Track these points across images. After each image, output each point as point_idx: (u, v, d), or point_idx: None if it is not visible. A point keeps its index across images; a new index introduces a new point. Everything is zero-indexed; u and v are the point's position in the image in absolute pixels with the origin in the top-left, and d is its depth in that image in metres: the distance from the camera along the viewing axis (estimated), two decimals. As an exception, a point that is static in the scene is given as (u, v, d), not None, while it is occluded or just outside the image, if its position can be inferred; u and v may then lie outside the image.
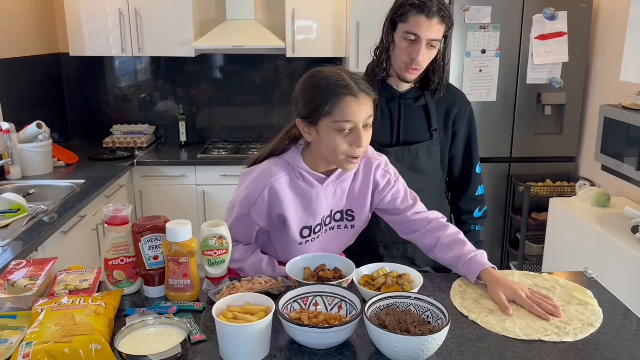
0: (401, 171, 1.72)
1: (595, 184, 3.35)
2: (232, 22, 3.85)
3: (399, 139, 1.76)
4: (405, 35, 1.63)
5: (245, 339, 1.07)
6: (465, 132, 1.83)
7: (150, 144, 4.06)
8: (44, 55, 3.84)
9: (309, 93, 1.33)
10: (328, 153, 1.35)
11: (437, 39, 1.62)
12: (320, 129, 1.32)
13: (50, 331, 1.07)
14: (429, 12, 1.58)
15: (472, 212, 1.89)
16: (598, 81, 3.45)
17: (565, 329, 1.21)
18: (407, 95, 1.75)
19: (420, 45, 1.61)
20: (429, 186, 1.79)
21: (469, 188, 1.88)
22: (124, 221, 1.33)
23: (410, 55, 1.63)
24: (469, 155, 1.86)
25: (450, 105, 1.79)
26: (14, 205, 2.50)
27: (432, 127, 1.76)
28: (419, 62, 1.63)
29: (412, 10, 1.60)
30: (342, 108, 1.28)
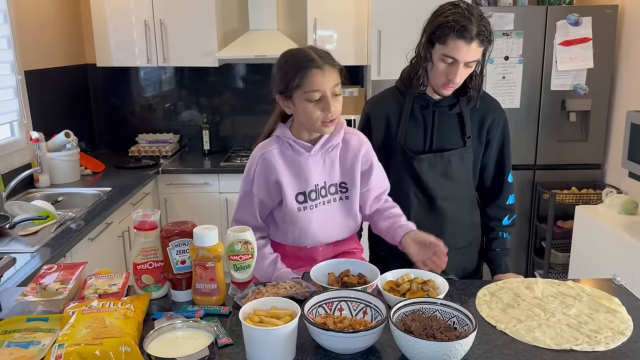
0: (433, 178, 1.73)
1: (622, 191, 3.29)
2: (255, 32, 3.90)
3: (431, 146, 1.76)
4: (443, 58, 1.62)
5: (271, 342, 1.08)
6: (499, 140, 1.81)
7: (175, 152, 4.12)
8: (72, 66, 3.93)
9: (281, 70, 1.48)
10: (305, 121, 1.49)
11: (474, 59, 1.62)
12: (295, 101, 1.47)
13: (82, 333, 1.10)
14: (468, 37, 1.56)
15: (500, 219, 1.87)
16: (624, 87, 3.39)
17: (595, 337, 1.19)
18: (442, 103, 1.75)
19: (457, 67, 1.61)
20: (460, 193, 1.79)
21: (500, 197, 1.85)
22: (152, 226, 1.35)
23: (447, 76, 1.63)
24: (501, 164, 1.84)
25: (484, 113, 1.77)
26: (43, 212, 2.56)
27: (466, 135, 1.75)
28: (455, 82, 1.64)
29: (451, 33, 1.57)
30: (309, 79, 1.43)
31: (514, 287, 1.44)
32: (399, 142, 1.76)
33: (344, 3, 3.72)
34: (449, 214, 1.78)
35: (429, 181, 1.74)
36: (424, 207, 1.77)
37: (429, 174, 1.73)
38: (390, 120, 1.77)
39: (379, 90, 3.99)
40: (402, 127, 1.75)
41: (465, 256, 1.84)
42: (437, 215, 1.77)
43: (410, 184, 1.76)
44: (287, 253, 1.63)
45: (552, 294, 1.40)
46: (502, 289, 1.43)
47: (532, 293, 1.41)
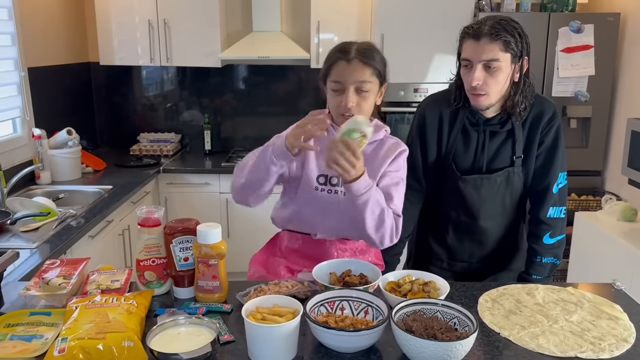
0: (477, 199, 1.69)
1: (622, 198, 3.30)
2: (258, 34, 3.91)
3: (481, 167, 1.69)
4: (463, 63, 1.61)
5: (273, 339, 1.09)
6: (549, 141, 1.68)
7: (176, 152, 4.13)
8: (75, 64, 3.94)
9: (326, 59, 1.53)
10: (331, 109, 1.52)
11: (492, 58, 1.54)
12: (326, 88, 1.52)
13: (85, 328, 1.10)
14: (476, 35, 1.54)
15: (539, 236, 1.70)
16: (625, 94, 3.41)
17: (600, 344, 1.20)
18: (492, 121, 1.67)
19: (474, 70, 1.56)
20: (505, 213, 1.72)
21: (540, 208, 1.70)
22: (156, 223, 1.36)
23: (469, 83, 1.59)
24: (549, 169, 1.69)
25: (537, 117, 1.67)
26: (44, 208, 2.56)
27: (515, 155, 1.68)
28: (475, 87, 1.57)
29: (465, 37, 1.60)
30: (334, 69, 1.47)
31: (515, 293, 1.45)
32: (448, 158, 1.71)
33: (347, 6, 3.74)
34: (490, 233, 1.73)
35: (472, 202, 1.70)
36: (464, 223, 1.74)
37: (474, 194, 1.68)
38: (443, 129, 1.71)
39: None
40: (451, 141, 1.70)
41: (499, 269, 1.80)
42: (477, 233, 1.74)
43: (452, 201, 1.72)
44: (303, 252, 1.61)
45: (553, 300, 1.41)
46: (503, 295, 1.43)
47: (533, 299, 1.41)
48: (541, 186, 1.71)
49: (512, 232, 1.78)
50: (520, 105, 1.63)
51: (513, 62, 1.57)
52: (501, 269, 1.81)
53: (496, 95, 1.60)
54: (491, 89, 1.58)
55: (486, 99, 1.60)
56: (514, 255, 1.82)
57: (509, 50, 1.55)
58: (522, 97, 1.62)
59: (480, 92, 1.58)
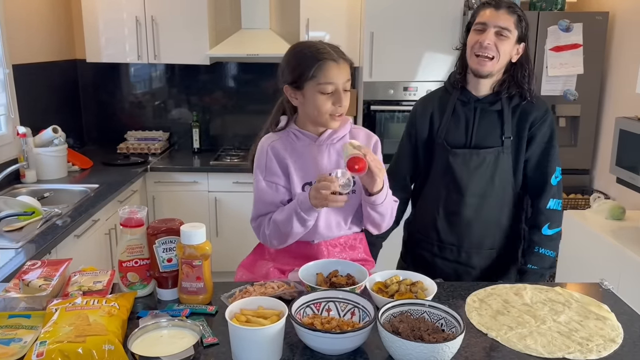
0: (465, 173, 1.74)
1: (610, 196, 3.31)
2: (247, 31, 3.88)
3: (471, 142, 1.76)
4: (476, 27, 1.68)
5: (257, 342, 1.07)
6: (543, 137, 1.74)
7: (164, 150, 4.09)
8: (61, 61, 3.89)
9: (294, 61, 1.48)
10: (314, 113, 1.48)
11: (505, 27, 1.64)
12: (306, 92, 1.46)
13: (64, 331, 1.08)
14: (497, 5, 1.65)
15: (539, 227, 1.75)
16: (613, 93, 3.42)
17: (587, 345, 1.19)
18: (484, 100, 1.75)
19: (487, 32, 1.65)
20: (491, 193, 1.75)
21: (540, 199, 1.76)
22: (139, 223, 1.33)
23: (477, 40, 1.66)
24: (545, 164, 1.75)
25: (527, 110, 1.74)
26: (29, 207, 2.53)
27: (505, 134, 1.73)
28: (487, 47, 1.64)
29: (482, 7, 1.70)
30: (324, 71, 1.43)
31: (503, 293, 1.44)
32: (440, 137, 1.78)
33: (337, 4, 3.72)
34: (477, 213, 1.75)
35: (460, 176, 1.74)
36: (452, 201, 1.76)
37: (462, 169, 1.73)
38: (434, 116, 1.81)
39: (370, 92, 3.99)
40: (444, 123, 1.78)
41: (490, 260, 1.80)
42: (464, 211, 1.75)
43: (442, 177, 1.77)
44: (293, 252, 1.59)
45: (541, 300, 1.40)
46: (490, 295, 1.43)
47: (521, 299, 1.40)
48: (541, 179, 1.77)
49: (501, 224, 1.79)
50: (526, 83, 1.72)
51: (517, 41, 1.68)
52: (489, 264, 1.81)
53: (497, 65, 1.68)
54: (497, 55, 1.66)
55: (490, 64, 1.67)
56: (504, 255, 1.82)
57: (518, 27, 1.66)
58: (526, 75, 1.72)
59: (487, 55, 1.65)
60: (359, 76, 3.80)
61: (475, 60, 1.68)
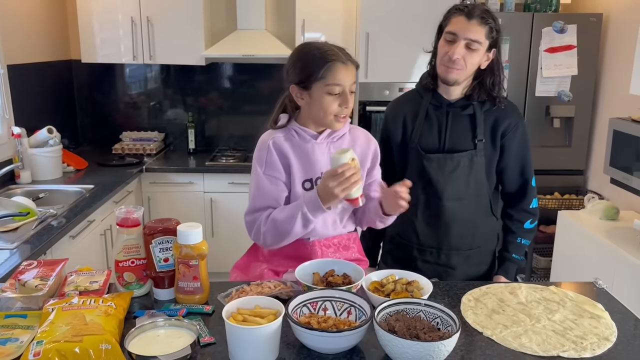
0: (440, 177, 1.74)
1: (604, 197, 3.33)
2: (243, 32, 3.88)
3: (443, 146, 1.76)
4: (446, 36, 1.68)
5: (254, 341, 1.07)
6: (518, 147, 1.78)
7: (159, 150, 4.08)
8: (56, 61, 3.88)
9: (303, 61, 1.49)
10: (319, 114, 1.50)
11: (475, 39, 1.63)
12: (313, 92, 1.48)
13: (61, 330, 1.08)
14: (469, 14, 1.64)
15: (523, 222, 1.85)
16: (607, 94, 3.44)
17: (581, 343, 1.20)
18: (455, 104, 1.75)
19: (457, 44, 1.64)
20: (467, 195, 1.76)
21: (523, 200, 1.84)
22: (135, 223, 1.33)
23: (447, 52, 1.66)
24: (524, 170, 1.82)
25: (499, 117, 1.76)
26: (24, 208, 2.52)
27: (477, 138, 1.74)
28: (456, 61, 1.64)
29: (454, 12, 1.68)
30: (333, 73, 1.45)
31: (498, 292, 1.45)
32: (413, 141, 1.78)
33: (332, 5, 3.73)
34: (455, 215, 1.76)
35: (437, 180, 1.74)
36: (430, 205, 1.77)
37: (437, 173, 1.74)
38: (407, 120, 1.81)
39: (366, 93, 3.99)
40: (417, 127, 1.78)
41: (470, 260, 1.82)
42: (442, 214, 1.75)
43: (418, 181, 1.76)
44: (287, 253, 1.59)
45: (535, 299, 1.41)
46: (486, 295, 1.43)
47: (516, 298, 1.41)
48: (522, 184, 1.83)
49: (478, 224, 1.81)
50: (493, 92, 1.74)
51: (487, 49, 1.68)
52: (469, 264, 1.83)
53: (465, 74, 1.69)
54: (466, 67, 1.67)
55: (457, 74, 1.69)
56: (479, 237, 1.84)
57: (489, 37, 1.67)
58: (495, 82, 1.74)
59: (454, 66, 1.67)
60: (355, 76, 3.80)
61: (444, 69, 1.69)
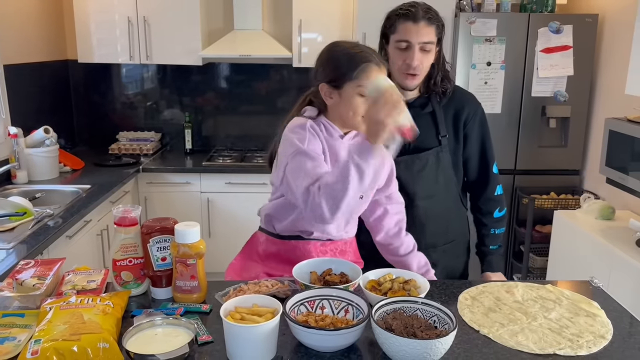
0: (410, 179, 1.74)
1: (600, 197, 3.35)
2: (240, 32, 3.88)
3: (409, 147, 1.74)
4: (397, 45, 1.67)
5: (252, 339, 1.08)
6: (478, 132, 1.83)
7: (156, 151, 4.08)
8: (53, 61, 3.87)
9: (336, 60, 1.46)
10: (348, 114, 1.46)
11: (428, 41, 1.65)
12: (343, 92, 1.45)
13: (59, 329, 1.08)
14: (415, 17, 1.64)
15: (491, 212, 1.88)
16: (603, 94, 3.46)
17: (578, 341, 1.21)
18: (414, 104, 1.76)
19: (413, 51, 1.64)
20: (438, 192, 1.79)
21: (487, 188, 1.87)
22: (133, 222, 1.33)
23: (405, 61, 1.66)
24: (484, 155, 1.86)
25: (459, 108, 1.79)
26: (20, 208, 2.51)
27: (440, 134, 1.77)
28: (415, 68, 1.65)
29: (398, 19, 1.67)
30: (367, 74, 1.41)
31: (495, 290, 1.46)
32: None
33: (329, 5, 3.73)
34: (428, 213, 1.78)
35: (407, 181, 1.74)
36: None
37: (407, 175, 1.74)
38: None
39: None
40: None
41: (447, 254, 1.85)
42: (416, 214, 1.77)
43: None
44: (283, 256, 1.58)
45: (532, 298, 1.41)
46: (482, 293, 1.44)
47: (512, 297, 1.42)
48: (484, 172, 1.87)
49: (450, 219, 1.84)
50: (442, 85, 1.75)
51: (437, 45, 1.70)
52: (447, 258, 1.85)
53: (422, 77, 1.71)
54: (423, 70, 1.69)
55: (418, 79, 1.70)
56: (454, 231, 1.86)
57: (438, 34, 1.68)
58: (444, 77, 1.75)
59: (414, 72, 1.67)
60: (352, 77, 3.81)
61: (403, 77, 1.69)
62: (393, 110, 1.29)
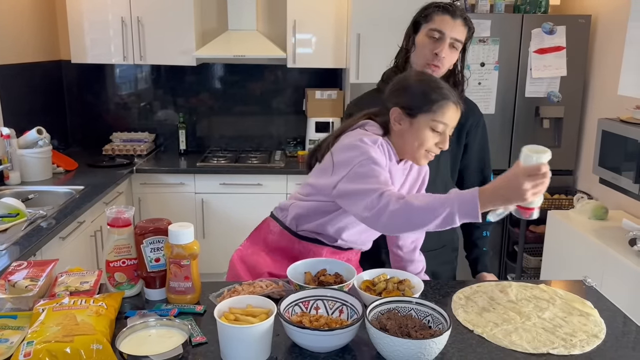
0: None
1: (593, 197, 3.36)
2: (234, 32, 3.88)
3: None
4: (429, 33, 1.66)
5: (246, 340, 1.07)
6: (479, 143, 1.84)
7: (150, 151, 4.07)
8: (46, 61, 3.85)
9: (418, 88, 1.44)
10: (413, 144, 1.45)
11: (459, 39, 1.65)
12: (416, 121, 1.43)
13: (52, 331, 1.07)
14: (454, 13, 1.65)
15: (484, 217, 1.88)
16: (596, 95, 3.48)
17: (571, 341, 1.21)
18: None
19: (444, 42, 1.64)
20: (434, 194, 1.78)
21: None
22: (126, 223, 1.33)
23: (433, 51, 1.65)
24: (483, 166, 1.87)
25: (463, 116, 1.71)
26: (13, 209, 2.50)
27: None
28: (441, 59, 1.65)
29: (437, 10, 1.67)
30: (444, 110, 1.41)
31: (488, 290, 1.46)
32: None
33: (323, 6, 3.73)
34: None
35: None
36: None
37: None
38: None
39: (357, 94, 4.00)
40: None
41: (437, 260, 1.83)
42: None
43: None
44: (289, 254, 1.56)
45: (526, 297, 1.42)
46: (476, 293, 1.44)
47: (506, 296, 1.42)
48: (481, 180, 1.85)
49: None
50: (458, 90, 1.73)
51: (461, 49, 1.71)
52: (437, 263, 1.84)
53: (442, 73, 1.70)
54: (446, 65, 1.68)
55: (439, 72, 1.69)
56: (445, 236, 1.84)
57: (466, 38, 1.70)
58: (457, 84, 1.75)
59: (439, 65, 1.67)
60: (346, 77, 3.81)
61: (425, 66, 1.68)
62: (541, 187, 1.20)
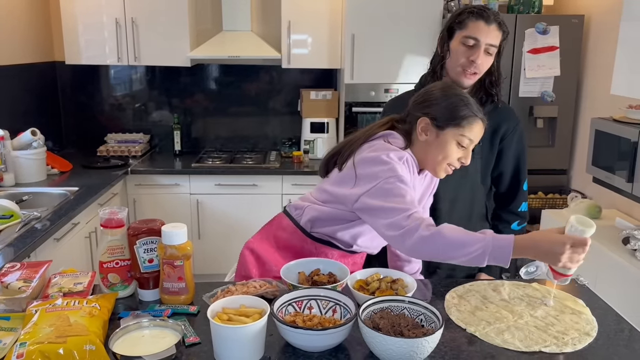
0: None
1: (587, 196, 3.38)
2: (229, 33, 3.88)
3: None
4: (464, 40, 1.65)
5: (239, 340, 1.08)
6: (515, 149, 1.81)
7: (145, 152, 4.06)
8: (40, 63, 3.84)
9: (450, 102, 1.45)
10: (437, 156, 1.46)
11: (494, 44, 1.65)
12: (443, 134, 1.44)
13: (45, 332, 1.07)
14: (488, 18, 1.64)
15: (510, 223, 1.88)
16: (589, 94, 3.49)
17: (563, 339, 1.22)
18: None
19: (479, 49, 1.64)
20: (462, 198, 1.77)
21: (513, 202, 1.87)
22: (119, 224, 1.33)
23: (469, 57, 1.65)
24: (518, 172, 1.85)
25: (499, 121, 1.76)
26: (7, 211, 2.49)
27: None
28: (477, 66, 1.65)
29: (470, 16, 1.66)
30: (472, 126, 1.44)
31: (481, 289, 1.47)
32: None
33: (318, 6, 3.74)
34: (448, 216, 1.73)
35: None
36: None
37: None
38: None
39: (352, 94, 3.99)
40: None
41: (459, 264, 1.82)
42: (436, 216, 1.73)
43: None
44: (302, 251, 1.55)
45: (518, 296, 1.43)
46: (469, 292, 1.45)
47: (499, 295, 1.43)
48: (515, 187, 1.86)
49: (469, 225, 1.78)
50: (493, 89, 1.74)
51: (497, 53, 1.70)
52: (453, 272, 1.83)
53: (477, 78, 1.70)
54: (482, 70, 1.68)
55: (475, 78, 1.69)
56: None
57: (501, 42, 1.69)
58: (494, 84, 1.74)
59: (475, 71, 1.67)
60: (340, 78, 3.82)
61: (461, 73, 1.67)
62: (581, 256, 1.27)
